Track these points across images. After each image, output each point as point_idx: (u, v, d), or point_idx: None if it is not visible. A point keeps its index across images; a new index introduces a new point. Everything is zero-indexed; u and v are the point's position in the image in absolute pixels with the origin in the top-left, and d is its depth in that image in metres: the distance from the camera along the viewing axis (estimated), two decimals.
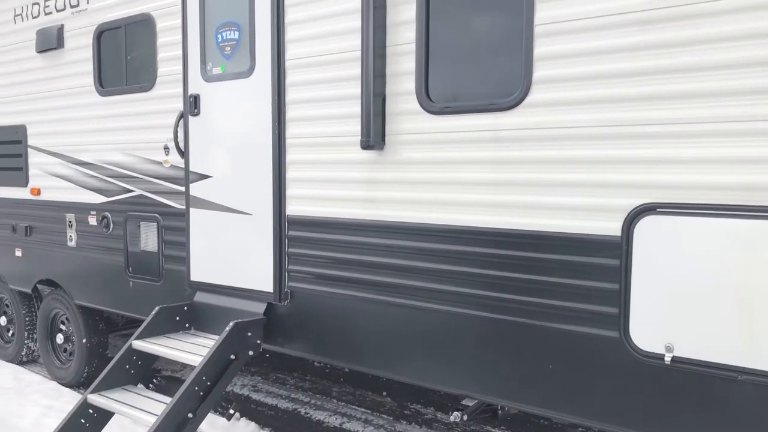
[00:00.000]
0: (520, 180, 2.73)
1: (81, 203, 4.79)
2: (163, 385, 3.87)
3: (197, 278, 4.04)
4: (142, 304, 4.40)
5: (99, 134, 4.63)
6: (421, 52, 3.00)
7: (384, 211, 3.19)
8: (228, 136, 3.81)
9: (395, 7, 3.09)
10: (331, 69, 3.36)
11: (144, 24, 4.25)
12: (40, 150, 5.15)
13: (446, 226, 2.98)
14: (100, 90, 4.59)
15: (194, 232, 4.02)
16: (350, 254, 3.34)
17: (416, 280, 3.09)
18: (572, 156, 2.60)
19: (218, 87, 3.84)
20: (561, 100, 2.62)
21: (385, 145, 3.16)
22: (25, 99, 5.23)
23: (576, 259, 2.61)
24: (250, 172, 3.71)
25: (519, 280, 2.77)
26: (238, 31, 3.71)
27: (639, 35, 2.43)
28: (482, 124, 2.82)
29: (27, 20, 5.17)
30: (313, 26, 3.41)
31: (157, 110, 4.20)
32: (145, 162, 4.32)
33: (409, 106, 3.06)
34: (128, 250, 4.47)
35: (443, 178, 2.97)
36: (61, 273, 5.04)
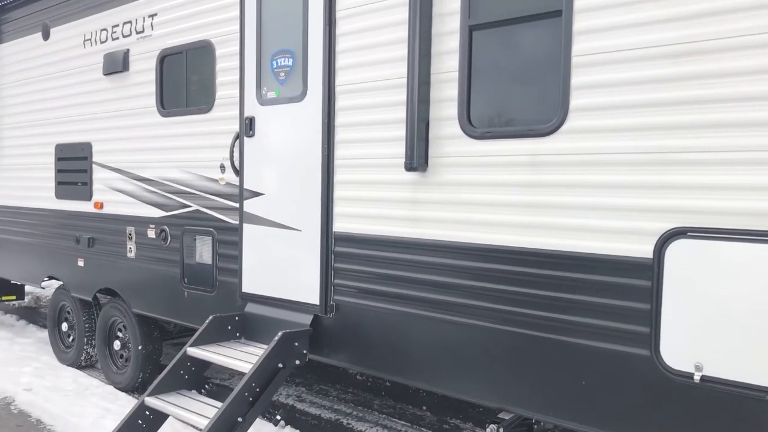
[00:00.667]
0: (556, 202, 2.87)
1: (141, 217, 5.09)
2: (213, 391, 4.08)
3: (248, 290, 4.26)
4: (196, 313, 4.64)
5: (159, 152, 4.92)
6: (464, 80, 3.17)
7: (426, 230, 3.36)
8: (280, 156, 4.04)
9: (440, 37, 3.27)
10: (377, 95, 3.55)
11: (204, 50, 4.54)
12: (103, 166, 5.48)
13: (485, 245, 3.12)
14: (161, 111, 4.89)
15: (246, 246, 4.25)
16: (393, 270, 3.51)
17: (456, 296, 3.24)
18: (607, 180, 2.72)
19: (272, 110, 4.07)
20: (596, 127, 2.75)
21: (428, 167, 3.33)
22: (91, 118, 5.58)
23: (609, 280, 2.72)
24: (300, 190, 3.92)
25: (555, 299, 2.89)
26: (292, 59, 3.94)
27: (672, 67, 2.55)
28: (521, 148, 2.97)
29: (95, 45, 5.53)
30: (362, 55, 3.61)
31: (215, 131, 4.47)
32: (201, 179, 4.58)
33: (452, 130, 3.23)
34: (184, 262, 4.73)
35: (483, 199, 3.12)
36: (121, 282, 5.34)
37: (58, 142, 6.00)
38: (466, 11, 3.15)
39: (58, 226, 6.04)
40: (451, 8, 3.22)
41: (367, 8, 3.57)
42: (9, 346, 6.81)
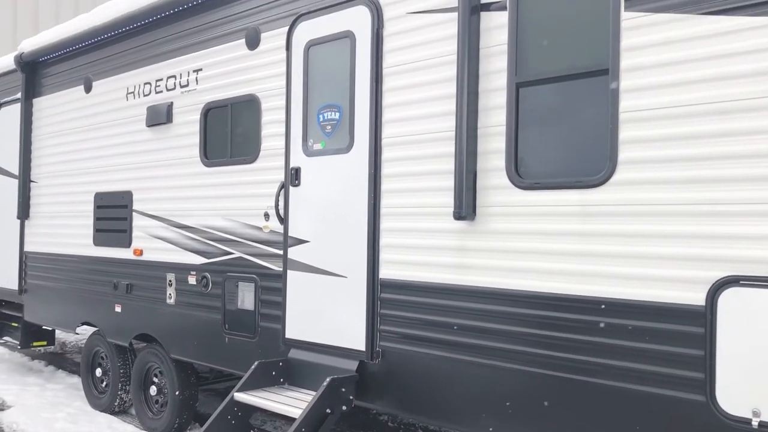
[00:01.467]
0: (607, 251, 2.97)
1: (182, 264, 5.21)
2: None
3: (292, 336, 4.35)
4: (237, 359, 4.72)
5: (202, 201, 5.08)
6: (511, 133, 3.32)
7: (474, 277, 3.46)
8: (326, 204, 4.18)
9: (487, 93, 3.43)
10: (424, 147, 3.70)
11: (249, 104, 4.73)
12: (144, 214, 5.63)
13: (534, 293, 3.22)
14: (204, 161, 5.07)
15: (290, 292, 4.36)
16: (440, 317, 3.60)
17: (504, 342, 3.32)
18: (657, 231, 2.84)
19: (318, 161, 4.23)
20: (645, 179, 2.88)
21: (476, 216, 3.45)
22: (132, 168, 5.76)
23: (662, 326, 2.81)
24: (346, 237, 4.05)
25: (606, 345, 2.97)
26: (338, 112, 4.12)
27: (717, 124, 2.69)
28: (570, 199, 3.10)
29: (138, 98, 5.75)
30: (408, 109, 3.77)
31: (259, 180, 4.62)
32: (245, 227, 4.72)
33: (500, 181, 3.36)
34: (225, 308, 4.83)
35: (532, 247, 3.24)
36: (159, 328, 5.43)
37: (97, 190, 6.18)
38: (513, 69, 3.32)
39: (95, 273, 6.17)
40: (497, 67, 3.39)
41: (414, 66, 3.75)
42: (41, 392, 6.86)
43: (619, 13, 2.95)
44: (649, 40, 2.88)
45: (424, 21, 3.71)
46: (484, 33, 3.44)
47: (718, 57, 2.71)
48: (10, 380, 7.30)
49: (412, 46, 3.77)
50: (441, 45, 3.63)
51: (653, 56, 2.87)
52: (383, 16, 3.90)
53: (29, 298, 7.16)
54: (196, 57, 5.18)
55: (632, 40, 2.92)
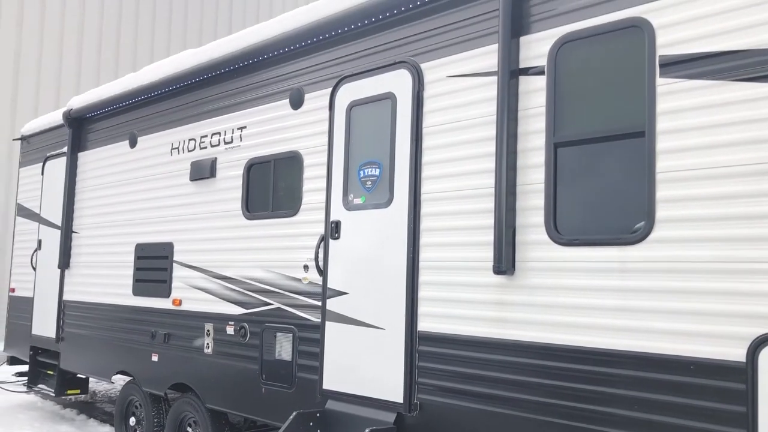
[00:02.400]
0: (646, 307, 3.05)
1: (220, 314, 5.34)
2: None
3: (329, 387, 4.42)
4: (273, 409, 4.79)
5: (242, 253, 5.23)
6: (550, 190, 3.45)
7: (513, 331, 3.54)
8: (365, 257, 4.30)
9: (525, 152, 3.58)
10: (462, 202, 3.84)
11: (292, 160, 4.93)
12: (184, 265, 5.80)
13: (573, 347, 3.29)
14: (246, 214, 5.25)
15: (328, 343, 4.45)
16: (479, 370, 3.67)
17: (543, 396, 3.37)
18: (696, 287, 2.91)
19: (358, 215, 4.38)
20: (683, 237, 2.97)
21: (515, 271, 3.55)
22: (174, 220, 5.97)
23: (703, 382, 2.86)
24: (385, 290, 4.16)
25: (646, 400, 3.02)
26: (378, 169, 4.29)
27: (753, 184, 2.80)
28: (609, 255, 3.19)
29: (182, 153, 5.99)
30: (448, 166, 3.93)
31: (300, 233, 4.78)
32: (284, 278, 4.85)
33: (539, 237, 3.47)
34: (263, 358, 4.92)
35: (571, 302, 3.32)
36: (196, 378, 5.53)
37: (138, 241, 6.38)
38: (551, 130, 3.47)
39: (133, 322, 6.31)
40: (535, 128, 3.55)
41: (453, 126, 3.93)
42: None
43: (654, 79, 3.11)
44: (684, 104, 3.03)
45: (464, 84, 3.90)
46: (522, 96, 3.61)
47: (751, 121, 2.83)
48: (44, 428, 7.38)
49: (451, 107, 3.95)
50: (480, 106, 3.81)
51: (688, 120, 3.00)
52: (424, 79, 4.11)
53: (66, 346, 7.32)
54: (240, 115, 5.43)
55: (668, 104, 3.07)
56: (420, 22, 4.20)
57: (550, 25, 3.56)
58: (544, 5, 3.60)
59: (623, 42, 3.26)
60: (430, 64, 4.09)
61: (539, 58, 3.57)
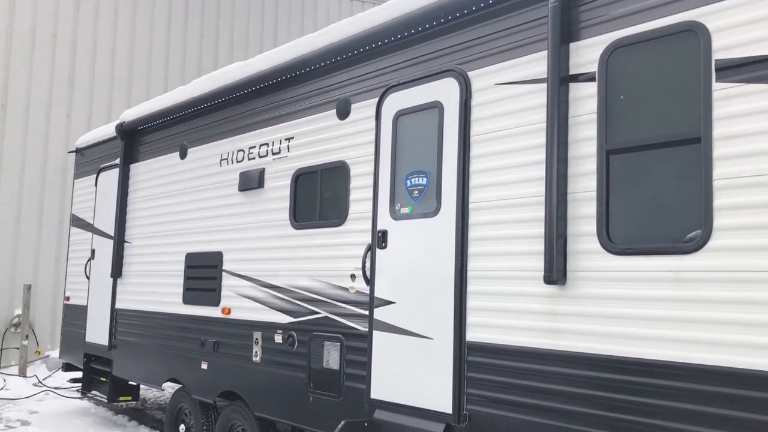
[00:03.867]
0: (703, 318, 2.96)
1: (268, 322, 5.39)
2: None
3: (377, 396, 4.41)
4: (320, 418, 4.81)
5: (290, 262, 5.28)
6: (602, 198, 3.39)
7: (565, 341, 3.48)
8: (412, 267, 4.29)
9: (576, 160, 3.53)
10: (511, 211, 3.80)
11: (339, 170, 4.96)
12: (233, 274, 5.88)
13: (627, 359, 3.21)
14: (294, 224, 5.30)
15: (376, 352, 4.45)
16: (529, 381, 3.61)
17: (595, 408, 3.30)
18: (755, 297, 2.82)
19: (405, 224, 4.38)
20: (741, 246, 2.89)
21: (566, 281, 3.50)
22: (223, 230, 6.06)
23: (761, 395, 2.76)
24: (433, 300, 4.14)
25: (703, 414, 2.93)
26: (426, 178, 4.28)
27: None
28: (664, 264, 3.12)
29: (231, 164, 6.10)
30: (496, 175, 3.90)
31: (346, 242, 4.80)
32: (331, 287, 4.88)
33: (591, 246, 3.41)
34: (311, 367, 4.95)
35: (625, 313, 3.25)
36: (244, 386, 5.59)
37: (188, 251, 6.50)
38: (603, 137, 3.41)
39: (183, 330, 6.42)
40: (586, 135, 3.50)
41: (502, 134, 3.90)
42: None
43: (710, 83, 3.03)
44: (741, 109, 2.95)
45: (512, 92, 3.87)
46: (572, 103, 3.57)
47: None
48: None
49: (499, 115, 3.93)
50: (529, 114, 3.77)
51: (746, 125, 2.92)
52: (471, 87, 4.09)
53: (118, 353, 7.49)
54: (287, 126, 5.49)
55: (724, 109, 2.99)
56: (467, 30, 4.19)
57: (600, 31, 3.51)
58: (594, 11, 3.55)
59: (677, 46, 3.19)
60: (477, 72, 4.08)
61: (590, 64, 3.52)
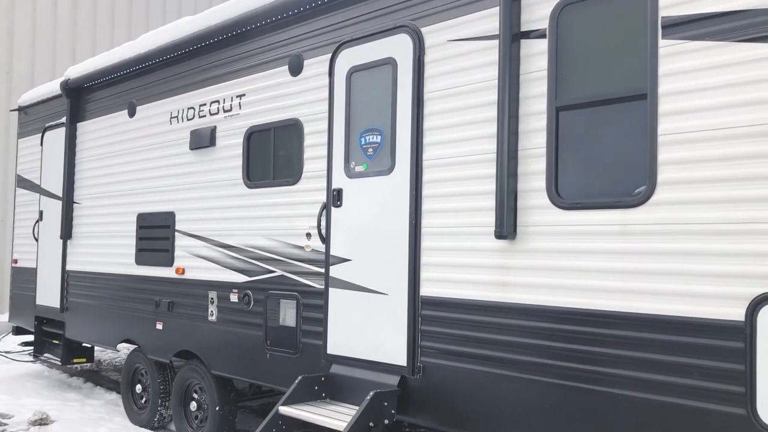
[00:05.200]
0: (647, 269, 3.08)
1: (223, 282, 5.38)
2: None
3: (333, 351, 4.48)
4: (278, 374, 4.86)
5: (244, 221, 5.25)
6: (551, 155, 3.45)
7: (514, 294, 3.58)
8: (367, 224, 4.32)
9: (527, 117, 3.58)
10: (464, 168, 3.84)
11: (292, 128, 4.92)
12: (186, 234, 5.82)
13: (574, 309, 3.33)
14: (247, 183, 5.26)
15: (332, 308, 4.50)
16: (481, 333, 3.72)
17: (544, 357, 3.42)
18: (696, 249, 2.94)
19: (360, 183, 4.39)
20: (684, 199, 2.99)
21: (516, 235, 3.58)
22: (175, 189, 5.97)
23: (702, 342, 2.90)
24: (387, 256, 4.19)
25: (646, 360, 3.06)
26: (380, 136, 4.29)
27: (754, 145, 2.81)
28: (610, 218, 3.21)
29: (182, 122, 5.98)
30: (450, 132, 3.93)
31: (301, 201, 4.79)
32: (287, 246, 4.88)
33: (540, 201, 3.49)
34: (267, 325, 4.98)
35: (572, 265, 3.35)
36: (200, 345, 5.59)
37: (140, 211, 6.39)
38: (553, 94, 3.46)
39: (137, 291, 6.36)
40: (537, 92, 3.54)
41: (455, 90, 3.91)
42: (81, 407, 7.04)
43: (656, 40, 3.09)
44: (686, 66, 3.02)
45: (465, 48, 3.87)
46: (524, 59, 3.60)
47: (754, 82, 2.83)
48: (51, 396, 7.49)
49: (452, 72, 3.94)
50: (481, 71, 3.79)
51: (691, 81, 3.00)
52: (425, 44, 4.08)
53: (70, 315, 7.38)
54: (239, 83, 5.40)
55: (670, 66, 3.06)
56: None
57: None
58: None
59: (626, 3, 3.23)
60: (430, 28, 4.06)
61: (541, 21, 3.54)
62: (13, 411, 6.74)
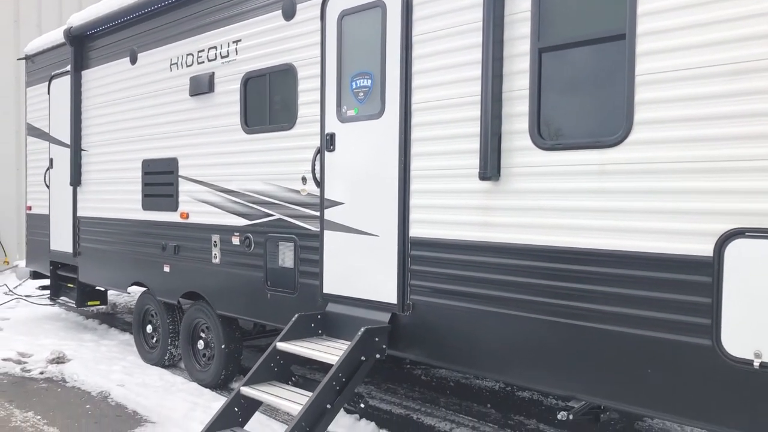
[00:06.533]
0: (623, 207, 3.16)
1: (226, 225, 5.53)
2: (299, 383, 4.45)
3: (329, 291, 4.64)
4: (278, 313, 5.05)
5: (243, 166, 5.37)
6: (534, 97, 3.50)
7: (498, 234, 3.68)
8: (359, 168, 4.42)
9: (511, 59, 3.61)
10: (451, 111, 3.90)
11: (286, 73, 4.97)
12: (189, 179, 5.96)
13: (554, 247, 3.43)
14: (245, 128, 5.35)
15: (327, 250, 4.64)
16: (466, 271, 3.84)
17: (526, 294, 3.55)
18: (670, 187, 3.01)
19: (352, 127, 4.46)
20: (660, 138, 3.05)
21: (500, 177, 3.66)
22: (177, 135, 6.08)
23: (673, 276, 3.00)
24: (378, 199, 4.29)
25: (621, 295, 3.18)
26: (370, 80, 4.33)
27: (728, 84, 2.84)
28: (589, 158, 3.28)
29: (181, 68, 6.04)
30: (437, 75, 3.97)
31: (296, 146, 4.89)
32: (284, 190, 5.00)
33: (523, 143, 3.56)
34: (267, 267, 5.14)
35: (553, 205, 3.44)
36: (205, 286, 5.79)
37: (144, 157, 6.53)
38: (536, 36, 3.48)
39: (144, 236, 6.55)
40: (520, 33, 3.56)
41: (442, 33, 3.94)
42: (96, 347, 7.35)
43: None
44: (664, 5, 3.02)
45: None
46: (508, 0, 3.60)
47: (731, 20, 2.84)
48: (68, 336, 7.82)
49: (440, 14, 3.95)
50: (467, 12, 3.80)
51: (668, 21, 3.01)
52: None
53: (83, 260, 7.62)
54: (235, 28, 5.43)
55: (648, 5, 3.06)
56: None
57: None
58: None
59: None
60: None
61: None
62: (32, 350, 7.07)
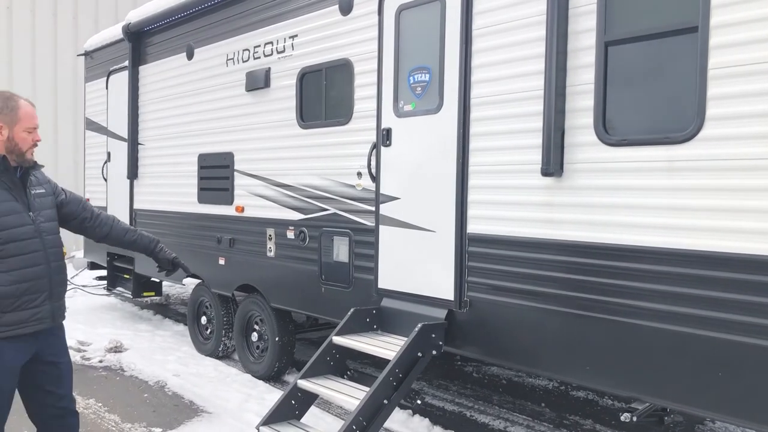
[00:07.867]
0: (694, 205, 3.07)
1: (281, 219, 5.58)
2: (355, 377, 4.46)
3: (384, 286, 4.64)
4: (332, 307, 5.08)
5: (298, 161, 5.40)
6: (599, 91, 3.42)
7: (561, 231, 3.62)
8: (416, 163, 4.40)
9: (575, 52, 3.53)
10: (512, 106, 3.85)
11: (343, 68, 4.98)
12: (244, 174, 6.03)
13: (621, 246, 3.35)
14: (300, 123, 5.38)
15: (383, 245, 4.64)
16: (527, 269, 3.79)
17: (589, 293, 3.48)
18: (744, 185, 2.91)
19: (408, 122, 4.44)
20: (732, 135, 2.94)
21: (563, 173, 3.59)
22: (233, 130, 6.16)
23: (749, 278, 2.90)
24: (435, 194, 4.27)
25: (693, 296, 3.09)
26: (428, 74, 4.30)
27: None
28: (657, 155, 3.19)
29: (237, 64, 6.10)
30: (498, 69, 3.92)
31: (352, 141, 4.89)
32: (339, 185, 5.02)
33: (587, 138, 3.48)
34: (322, 261, 5.17)
35: (619, 202, 3.36)
36: (260, 279, 5.86)
37: (200, 152, 6.63)
38: (602, 29, 3.40)
39: (200, 228, 6.66)
40: (586, 26, 3.48)
41: (503, 27, 3.88)
42: (152, 337, 7.52)
43: None
44: None
45: None
46: None
47: None
48: (124, 326, 8.02)
49: (501, 8, 3.90)
50: (529, 6, 3.74)
51: (742, 12, 2.90)
52: None
53: None
54: (291, 23, 5.46)
55: None
56: None
57: None
58: None
59: None
60: None
61: None
62: (91, 339, 7.28)
